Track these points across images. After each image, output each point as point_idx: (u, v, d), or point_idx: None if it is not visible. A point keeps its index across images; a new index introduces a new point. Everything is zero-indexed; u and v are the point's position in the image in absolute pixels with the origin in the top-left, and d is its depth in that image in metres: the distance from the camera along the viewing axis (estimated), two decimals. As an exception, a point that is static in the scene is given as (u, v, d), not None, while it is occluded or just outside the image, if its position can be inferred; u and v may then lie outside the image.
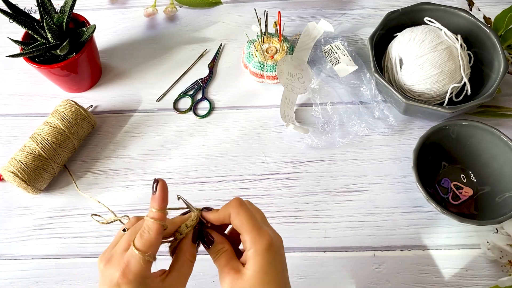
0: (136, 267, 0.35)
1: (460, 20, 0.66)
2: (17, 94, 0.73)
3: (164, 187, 0.37)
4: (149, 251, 0.35)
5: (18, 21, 0.60)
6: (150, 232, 0.36)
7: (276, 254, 0.37)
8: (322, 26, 0.71)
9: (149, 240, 0.36)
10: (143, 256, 0.35)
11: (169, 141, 0.67)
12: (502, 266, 0.55)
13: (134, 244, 0.35)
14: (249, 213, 0.38)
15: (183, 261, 0.38)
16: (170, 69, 0.74)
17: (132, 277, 0.35)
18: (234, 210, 0.38)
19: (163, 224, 0.37)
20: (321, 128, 0.66)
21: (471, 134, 0.59)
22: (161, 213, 0.37)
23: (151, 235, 0.36)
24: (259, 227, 0.37)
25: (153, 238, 0.36)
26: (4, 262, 0.59)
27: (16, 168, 0.59)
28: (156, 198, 0.37)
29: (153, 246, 0.36)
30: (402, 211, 0.60)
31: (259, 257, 0.36)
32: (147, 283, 0.35)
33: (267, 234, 0.37)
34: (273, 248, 0.37)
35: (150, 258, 0.35)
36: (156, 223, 0.36)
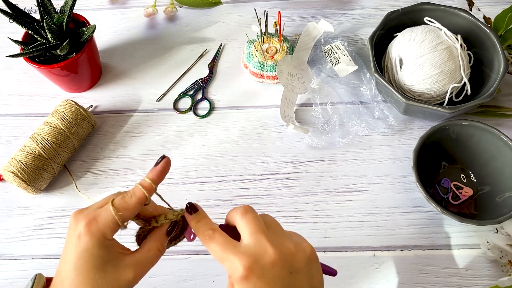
0: (103, 222, 0.34)
1: (460, 20, 0.66)
2: (17, 94, 0.73)
3: (167, 164, 0.38)
4: (123, 213, 0.35)
5: (18, 21, 0.60)
6: (133, 197, 0.36)
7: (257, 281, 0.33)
8: (322, 26, 0.71)
9: (129, 202, 0.35)
10: (114, 214, 0.34)
11: (169, 141, 0.67)
12: (502, 266, 0.55)
13: (113, 201, 0.35)
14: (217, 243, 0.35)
15: (151, 246, 0.37)
16: (170, 69, 0.74)
17: (95, 229, 0.34)
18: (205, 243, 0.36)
19: (147, 196, 0.36)
20: (321, 128, 0.66)
21: (471, 134, 0.59)
22: (151, 185, 0.36)
23: (133, 199, 0.36)
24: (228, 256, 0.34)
25: (133, 202, 0.35)
26: (4, 262, 0.59)
27: (16, 168, 0.59)
28: (154, 170, 0.37)
29: (129, 210, 0.35)
30: (402, 211, 0.60)
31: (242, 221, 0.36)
32: (106, 244, 0.35)
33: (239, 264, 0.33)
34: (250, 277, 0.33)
35: (120, 220, 0.35)
36: (142, 190, 0.36)
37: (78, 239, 0.34)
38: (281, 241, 0.35)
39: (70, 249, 0.35)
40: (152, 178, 0.37)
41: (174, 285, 0.56)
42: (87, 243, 0.34)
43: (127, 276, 0.35)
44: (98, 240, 0.34)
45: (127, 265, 0.36)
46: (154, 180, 0.37)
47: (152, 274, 0.57)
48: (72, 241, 0.35)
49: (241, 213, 0.37)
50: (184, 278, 0.57)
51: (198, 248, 0.58)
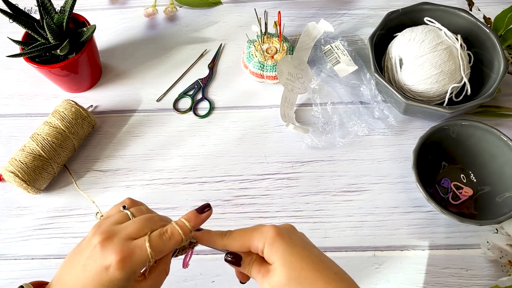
0: (137, 261, 0.34)
1: (460, 20, 0.66)
2: (17, 94, 0.73)
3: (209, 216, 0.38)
4: (158, 256, 0.35)
5: (18, 21, 0.60)
6: (171, 240, 0.35)
7: (289, 234, 0.37)
8: (322, 26, 0.71)
9: (165, 246, 0.35)
10: (150, 256, 0.34)
11: (169, 141, 0.67)
12: (502, 266, 0.55)
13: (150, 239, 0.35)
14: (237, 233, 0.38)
15: (161, 270, 0.37)
16: (170, 69, 0.74)
17: (128, 268, 0.33)
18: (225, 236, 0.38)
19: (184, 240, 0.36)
20: (321, 128, 0.66)
21: (471, 134, 0.59)
22: (190, 230, 0.37)
23: (171, 242, 0.35)
24: (256, 227, 0.38)
25: (170, 246, 0.35)
26: (4, 262, 0.59)
27: (16, 168, 0.59)
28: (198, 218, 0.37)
29: (163, 253, 0.35)
30: (402, 211, 0.60)
31: (275, 246, 0.36)
32: (131, 278, 0.35)
33: (266, 226, 0.37)
34: (282, 231, 0.37)
35: (152, 260, 0.35)
36: (180, 236, 0.36)
37: (106, 270, 0.33)
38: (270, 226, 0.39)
39: (92, 277, 0.34)
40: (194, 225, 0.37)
41: (174, 285, 0.56)
42: (115, 277, 0.33)
43: None
44: (128, 277, 0.34)
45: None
46: (194, 227, 0.37)
47: (152, 274, 0.57)
48: (96, 268, 0.34)
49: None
50: (184, 278, 0.57)
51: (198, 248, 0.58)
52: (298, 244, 0.37)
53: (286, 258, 0.36)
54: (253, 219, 0.60)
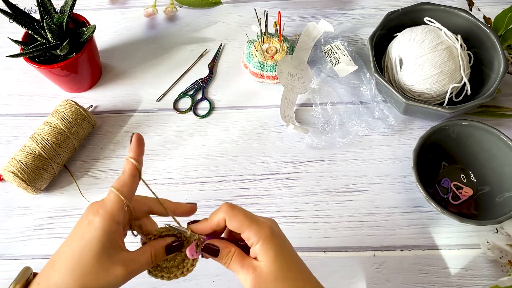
0: (109, 203, 0.37)
1: (460, 20, 0.66)
2: (17, 94, 0.73)
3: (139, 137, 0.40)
4: (123, 189, 0.37)
5: (18, 21, 0.60)
6: (124, 173, 0.38)
7: (281, 236, 0.39)
8: (322, 26, 0.71)
9: (124, 179, 0.38)
10: (116, 192, 0.37)
11: (169, 141, 0.67)
12: (502, 266, 0.55)
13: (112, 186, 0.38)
14: (243, 211, 0.39)
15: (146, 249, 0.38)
16: (170, 69, 0.74)
17: (103, 212, 0.36)
18: (228, 213, 0.38)
19: (137, 166, 0.38)
20: (321, 128, 0.66)
21: (471, 134, 0.59)
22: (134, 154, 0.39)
23: (125, 175, 0.38)
24: (256, 219, 0.38)
25: (127, 177, 0.38)
26: (4, 262, 0.59)
27: (16, 168, 0.59)
28: (131, 146, 0.39)
29: (126, 185, 0.38)
30: (402, 211, 0.60)
31: (269, 245, 0.37)
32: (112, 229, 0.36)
33: (265, 222, 0.38)
34: (276, 231, 0.38)
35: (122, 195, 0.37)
36: (130, 163, 0.38)
37: (89, 223, 0.36)
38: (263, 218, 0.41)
39: (77, 232, 0.36)
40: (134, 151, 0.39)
41: (174, 285, 0.56)
42: (95, 224, 0.36)
43: (117, 271, 0.36)
44: (105, 221, 0.36)
45: (121, 260, 0.36)
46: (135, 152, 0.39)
47: (152, 274, 0.57)
48: (82, 225, 0.36)
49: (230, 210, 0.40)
50: (184, 278, 0.56)
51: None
52: (287, 247, 0.39)
53: (277, 259, 0.37)
54: (253, 219, 0.60)
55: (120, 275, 0.36)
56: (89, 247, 0.35)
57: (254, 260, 0.38)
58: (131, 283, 0.37)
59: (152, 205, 0.41)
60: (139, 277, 0.38)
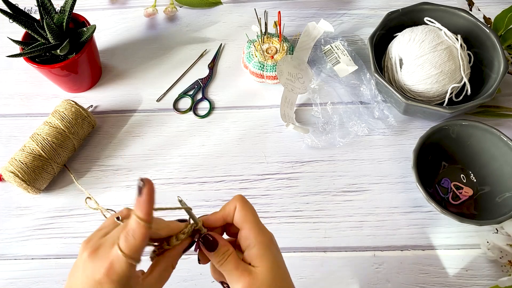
0: (121, 269, 0.33)
1: (460, 20, 0.66)
2: (17, 94, 0.73)
3: (152, 190, 0.33)
4: (134, 256, 0.33)
5: (18, 21, 0.60)
6: (135, 237, 0.33)
7: (277, 248, 0.39)
8: (322, 26, 0.71)
9: (134, 244, 0.33)
10: (126, 260, 0.33)
11: (169, 141, 0.67)
12: (502, 266, 0.55)
13: (119, 246, 0.33)
14: (253, 208, 0.39)
15: (167, 265, 0.37)
16: (170, 69, 0.74)
17: (116, 278, 0.33)
18: (240, 203, 0.39)
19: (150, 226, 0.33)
20: (321, 128, 0.66)
21: (471, 134, 0.59)
22: (148, 217, 0.33)
23: (136, 240, 0.33)
24: (260, 222, 0.38)
25: (138, 243, 0.33)
26: (4, 262, 0.59)
27: (16, 168, 0.59)
28: (142, 202, 0.32)
29: (138, 251, 0.34)
30: (402, 211, 0.60)
31: (267, 252, 0.37)
32: (130, 284, 0.34)
33: (267, 230, 0.38)
34: (274, 242, 0.39)
35: (135, 262, 0.33)
36: (142, 227, 0.33)
37: (100, 286, 0.33)
38: None
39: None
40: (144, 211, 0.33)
41: (174, 285, 0.56)
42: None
43: None
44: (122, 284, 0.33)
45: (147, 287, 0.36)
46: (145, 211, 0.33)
47: (152, 274, 0.57)
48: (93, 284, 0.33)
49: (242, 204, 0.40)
50: (184, 278, 0.57)
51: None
52: (282, 260, 0.39)
53: (273, 269, 0.37)
54: (253, 219, 0.60)
55: None
56: None
57: (249, 265, 0.37)
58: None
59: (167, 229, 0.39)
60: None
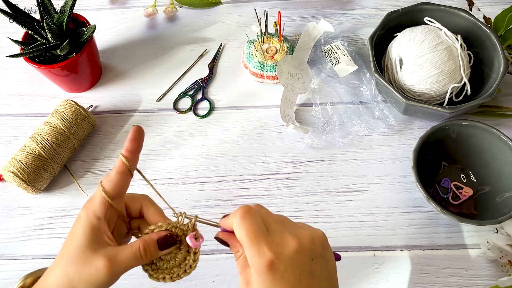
0: (94, 200, 0.37)
1: (460, 20, 0.66)
2: (17, 94, 0.73)
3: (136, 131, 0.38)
4: (107, 185, 0.37)
5: (18, 21, 0.60)
6: (113, 169, 0.38)
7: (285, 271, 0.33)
8: (322, 26, 0.71)
9: (110, 175, 0.38)
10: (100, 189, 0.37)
11: (169, 141, 0.67)
12: (502, 266, 0.55)
13: (101, 181, 0.38)
14: (250, 226, 0.34)
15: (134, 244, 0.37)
16: (170, 69, 0.74)
17: (87, 206, 0.37)
18: (236, 220, 0.35)
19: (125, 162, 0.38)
20: (321, 128, 0.66)
21: (471, 134, 0.59)
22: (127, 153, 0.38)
23: (112, 172, 0.38)
24: (259, 242, 0.33)
25: (113, 174, 0.38)
26: (4, 262, 0.59)
27: (16, 168, 0.59)
28: (126, 141, 0.38)
29: (111, 181, 0.37)
30: (402, 211, 0.60)
31: (259, 278, 0.33)
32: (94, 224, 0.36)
33: (268, 252, 0.33)
34: (276, 266, 0.33)
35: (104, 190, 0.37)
36: (120, 161, 0.37)
37: (77, 219, 0.37)
38: (297, 231, 0.36)
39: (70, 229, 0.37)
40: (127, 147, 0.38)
41: (174, 285, 0.56)
42: (79, 217, 0.37)
43: (99, 263, 0.35)
44: (87, 216, 0.37)
45: (105, 254, 0.36)
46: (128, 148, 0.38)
47: (152, 274, 0.57)
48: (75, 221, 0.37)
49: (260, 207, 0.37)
50: (184, 278, 0.57)
51: (198, 248, 0.58)
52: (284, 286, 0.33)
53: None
54: (253, 219, 0.60)
55: (102, 267, 0.35)
56: (75, 240, 0.36)
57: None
58: (131, 284, 0.37)
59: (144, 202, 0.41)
60: (140, 277, 0.38)
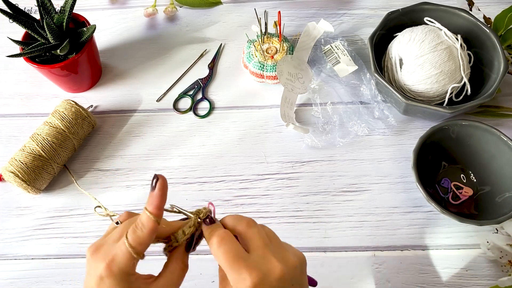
0: (122, 261, 0.34)
1: (460, 20, 0.66)
2: (17, 94, 0.73)
3: (164, 185, 0.35)
4: (139, 248, 0.34)
5: (18, 21, 0.60)
6: (143, 229, 0.34)
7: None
8: (322, 26, 0.71)
9: (141, 236, 0.34)
10: (131, 251, 0.34)
11: (169, 141, 0.67)
12: (502, 266, 0.55)
13: (127, 237, 0.34)
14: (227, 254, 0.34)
15: (173, 268, 0.36)
16: (170, 69, 0.74)
17: (116, 270, 0.33)
18: (213, 249, 0.35)
19: (158, 221, 0.35)
20: (321, 128, 0.66)
21: (471, 134, 0.59)
22: (158, 211, 0.35)
23: (144, 232, 0.34)
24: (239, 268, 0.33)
25: (145, 235, 0.34)
26: (4, 262, 0.59)
27: (16, 168, 0.59)
28: (154, 196, 0.35)
29: (144, 244, 0.34)
30: (402, 211, 0.60)
31: None
32: (130, 280, 0.34)
33: (248, 277, 0.33)
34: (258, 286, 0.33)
35: (138, 255, 0.34)
36: (151, 221, 0.34)
37: (101, 280, 0.33)
38: (284, 255, 0.36)
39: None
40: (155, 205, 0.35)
41: (174, 285, 0.56)
42: (110, 283, 0.33)
43: None
44: (121, 279, 0.34)
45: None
46: (157, 206, 0.35)
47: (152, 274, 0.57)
48: (96, 282, 0.34)
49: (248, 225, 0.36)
50: (184, 278, 0.57)
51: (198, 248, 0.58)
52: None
53: None
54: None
55: None
56: None
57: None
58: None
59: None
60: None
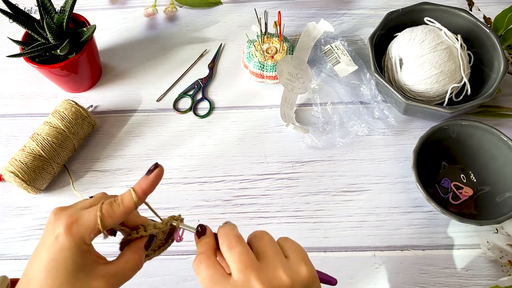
0: (84, 226, 0.33)
1: (460, 20, 0.66)
2: (17, 94, 0.73)
3: (160, 174, 0.35)
4: (108, 221, 0.33)
5: (18, 21, 0.60)
6: (121, 206, 0.34)
7: None
8: (322, 26, 0.71)
9: (116, 211, 0.34)
10: (98, 219, 0.33)
11: (169, 141, 0.67)
12: (502, 266, 0.55)
13: (101, 206, 0.33)
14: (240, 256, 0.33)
15: (128, 258, 0.36)
16: (170, 69, 0.74)
17: (75, 232, 0.33)
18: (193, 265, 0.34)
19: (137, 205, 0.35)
20: (321, 128, 0.66)
21: (471, 134, 0.59)
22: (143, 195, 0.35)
23: (120, 208, 0.34)
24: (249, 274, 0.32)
25: (120, 211, 0.34)
26: (4, 262, 0.59)
27: (16, 168, 0.59)
28: (146, 179, 0.35)
29: (114, 219, 0.34)
30: (402, 211, 0.60)
31: None
32: (83, 249, 0.33)
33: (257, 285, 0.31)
34: None
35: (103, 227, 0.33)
36: (132, 201, 0.34)
37: (56, 239, 0.33)
38: (273, 276, 0.32)
39: (45, 248, 0.33)
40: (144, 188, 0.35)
41: (174, 285, 0.56)
42: (64, 244, 0.33)
43: (96, 285, 0.33)
44: (76, 242, 0.33)
45: (100, 275, 0.34)
46: (144, 190, 0.35)
47: (152, 274, 0.57)
48: (49, 240, 0.33)
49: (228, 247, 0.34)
50: (184, 278, 0.57)
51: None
52: None
53: None
54: (253, 219, 0.60)
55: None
56: (64, 267, 0.32)
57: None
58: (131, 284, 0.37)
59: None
60: (139, 278, 0.38)
